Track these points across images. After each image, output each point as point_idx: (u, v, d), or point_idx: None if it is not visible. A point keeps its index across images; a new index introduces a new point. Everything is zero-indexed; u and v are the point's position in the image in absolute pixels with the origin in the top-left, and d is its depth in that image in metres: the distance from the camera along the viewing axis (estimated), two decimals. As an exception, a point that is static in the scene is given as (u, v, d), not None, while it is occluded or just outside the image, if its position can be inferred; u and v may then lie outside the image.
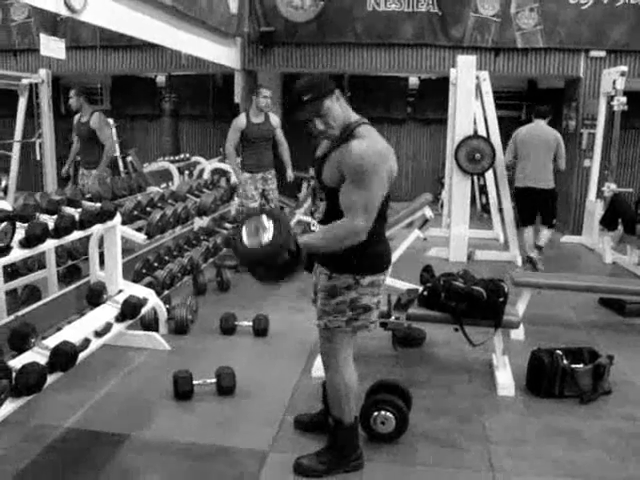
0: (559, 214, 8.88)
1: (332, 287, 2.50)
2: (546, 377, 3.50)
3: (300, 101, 2.39)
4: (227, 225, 6.29)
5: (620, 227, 6.76)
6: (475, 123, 6.88)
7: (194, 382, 3.29)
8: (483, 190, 9.40)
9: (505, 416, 3.30)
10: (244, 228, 2.35)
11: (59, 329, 3.06)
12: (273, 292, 5.53)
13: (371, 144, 2.34)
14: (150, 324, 4.08)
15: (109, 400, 3.28)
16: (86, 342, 3.00)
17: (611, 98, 7.47)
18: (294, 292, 5.40)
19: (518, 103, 10.71)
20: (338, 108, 2.40)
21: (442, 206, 8.64)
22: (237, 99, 8.54)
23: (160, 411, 3.19)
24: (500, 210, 7.56)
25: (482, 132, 7.04)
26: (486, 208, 9.78)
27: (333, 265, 2.50)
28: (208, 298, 5.14)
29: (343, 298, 2.49)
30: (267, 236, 2.26)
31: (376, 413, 2.88)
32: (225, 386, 3.31)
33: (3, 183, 7.29)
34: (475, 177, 8.62)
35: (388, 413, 2.87)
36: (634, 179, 10.41)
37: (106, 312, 3.38)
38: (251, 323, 4.28)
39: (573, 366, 3.51)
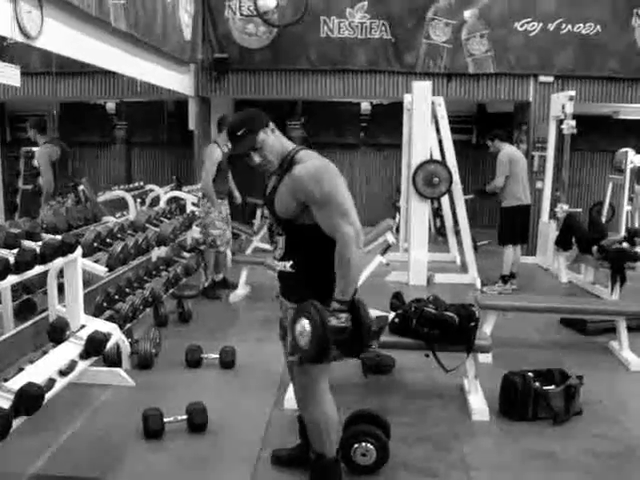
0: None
1: (293, 313, 2.42)
2: (519, 400, 3.50)
3: (235, 136, 2.41)
4: (185, 254, 6.17)
5: (574, 247, 6.92)
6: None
7: (165, 420, 3.16)
8: (437, 213, 9.52)
9: (482, 441, 3.29)
10: (294, 328, 2.30)
11: (21, 369, 2.90)
12: (237, 322, 5.44)
13: (314, 163, 2.36)
14: (113, 359, 3.92)
15: (76, 442, 3.11)
16: (51, 382, 2.85)
17: (560, 122, 7.70)
18: (258, 321, 5.33)
19: (469, 127, 10.94)
20: (273, 140, 2.40)
21: (398, 230, 8.70)
22: (191, 126, 8.46)
23: (130, 452, 3.04)
24: (457, 232, 7.66)
25: (437, 156, 7.14)
26: (441, 231, 9.91)
27: (297, 296, 2.45)
28: (170, 330, 5.00)
29: None
30: (307, 337, 2.24)
31: (356, 445, 2.81)
32: (197, 423, 3.19)
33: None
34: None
35: (369, 444, 2.81)
36: (582, 199, 10.74)
37: (69, 349, 3.23)
38: (217, 355, 4.17)
39: (545, 388, 3.54)
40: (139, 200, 7.84)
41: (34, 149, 9.02)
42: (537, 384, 3.54)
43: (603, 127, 10.33)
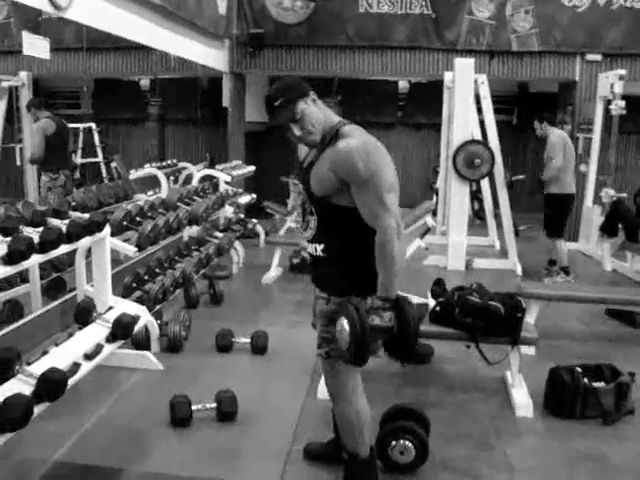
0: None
1: (331, 312, 2.25)
2: (567, 397, 3.30)
3: (272, 107, 2.19)
4: (217, 234, 6.05)
5: (621, 234, 6.62)
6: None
7: (192, 407, 3.03)
8: (475, 196, 9.23)
9: (526, 440, 3.09)
10: (336, 326, 2.14)
11: (45, 352, 2.79)
12: (269, 305, 5.30)
13: (361, 139, 2.13)
14: (142, 342, 3.81)
15: (100, 429, 3.00)
16: (75, 367, 2.73)
17: (608, 102, 7.35)
18: (292, 304, 5.18)
19: (509, 107, 10.56)
20: (315, 111, 2.18)
21: (435, 213, 8.45)
22: (225, 103, 8.30)
23: (156, 441, 2.92)
24: (496, 216, 7.40)
25: (477, 137, 6.86)
26: (479, 214, 9.62)
27: (330, 287, 2.28)
28: (201, 312, 4.88)
29: (326, 323, 2.26)
30: (346, 336, 2.07)
31: (394, 442, 2.64)
32: (226, 412, 3.05)
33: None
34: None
35: (407, 442, 2.64)
36: (628, 184, 10.30)
37: (96, 332, 3.12)
38: (249, 340, 4.03)
39: (595, 385, 3.32)
40: (172, 178, 7.74)
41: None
42: (586, 380, 3.32)
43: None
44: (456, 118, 6.42)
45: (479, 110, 6.78)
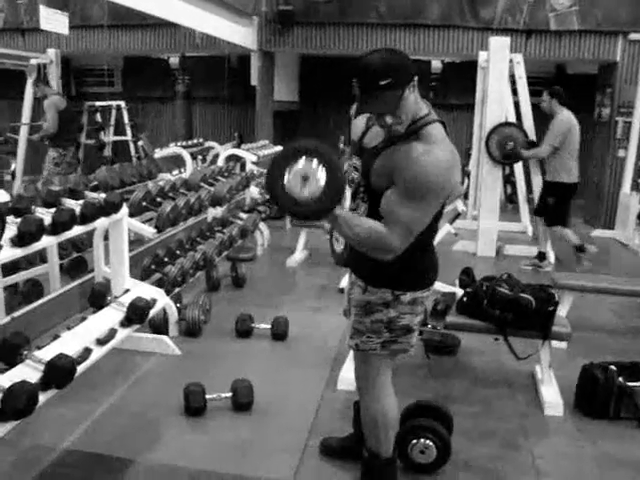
0: (591, 207, 8.52)
1: (367, 302, 2.12)
2: (600, 396, 3.12)
3: (372, 86, 1.83)
4: (242, 215, 5.94)
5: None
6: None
7: (207, 396, 2.94)
8: (508, 180, 8.98)
9: (556, 441, 2.93)
10: (289, 171, 1.83)
11: (56, 337, 2.71)
12: (292, 289, 5.19)
13: (440, 156, 1.88)
14: (159, 326, 3.74)
15: (112, 415, 2.93)
16: (86, 352, 2.65)
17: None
18: (315, 288, 5.07)
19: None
20: (413, 100, 1.91)
21: (466, 197, 8.23)
22: (254, 81, 8.15)
23: (169, 430, 2.84)
24: (529, 201, 7.16)
25: (512, 119, 6.61)
26: (511, 198, 9.36)
27: (369, 277, 2.12)
28: (222, 295, 4.79)
29: (380, 316, 2.11)
30: (317, 189, 1.81)
31: (415, 441, 2.51)
32: (242, 402, 2.96)
33: (12, 167, 6.98)
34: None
35: (428, 441, 2.51)
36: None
37: (110, 316, 3.03)
38: (269, 326, 3.93)
39: (630, 384, 3.14)
40: (200, 157, 7.66)
41: (97, 103, 8.99)
42: (621, 379, 3.14)
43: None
44: (490, 99, 6.18)
45: (514, 91, 6.53)
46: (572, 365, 3.52)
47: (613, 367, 3.19)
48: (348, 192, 2.12)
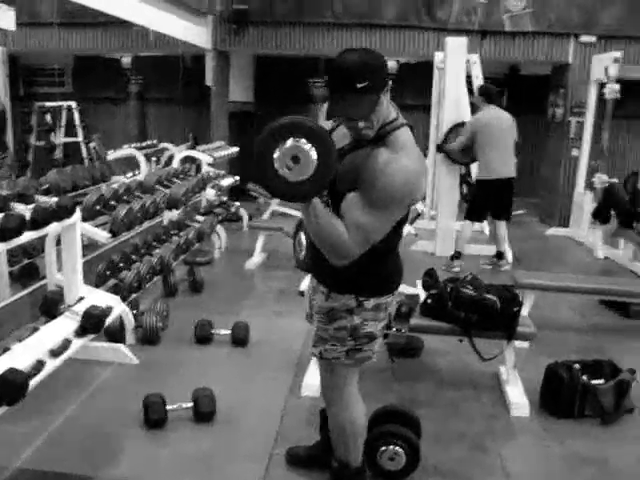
0: (546, 206, 8.64)
1: (330, 309, 2.04)
2: (565, 395, 3.13)
3: (347, 88, 1.76)
4: (199, 218, 5.82)
5: (614, 220, 6.47)
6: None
7: (168, 407, 2.83)
8: (464, 179, 9.03)
9: (523, 442, 2.93)
10: (278, 151, 1.71)
11: (7, 349, 2.56)
12: (252, 293, 5.09)
13: (407, 164, 1.81)
14: (115, 334, 3.59)
15: (69, 430, 2.79)
16: (39, 365, 2.52)
17: (602, 85, 7.17)
18: (275, 292, 4.98)
19: (499, 90, 10.32)
20: (386, 104, 1.85)
21: (424, 197, 8.25)
22: (208, 82, 8.01)
23: (128, 444, 2.72)
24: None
25: (467, 119, 6.64)
26: (467, 198, 9.43)
27: (332, 282, 2.04)
28: (180, 300, 4.66)
29: (344, 323, 2.03)
30: (308, 170, 1.70)
31: (384, 448, 2.45)
32: (203, 412, 2.85)
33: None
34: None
35: (398, 448, 2.45)
36: (616, 169, 10.16)
37: (64, 326, 2.90)
38: (229, 331, 3.83)
39: (594, 382, 3.15)
40: (154, 159, 7.47)
41: (47, 104, 8.70)
42: (585, 378, 3.15)
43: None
44: (447, 99, 6.20)
45: (470, 91, 6.56)
46: (535, 364, 3.53)
47: (577, 366, 3.20)
48: None
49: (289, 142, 1.69)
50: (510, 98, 10.16)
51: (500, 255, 6.04)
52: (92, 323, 2.94)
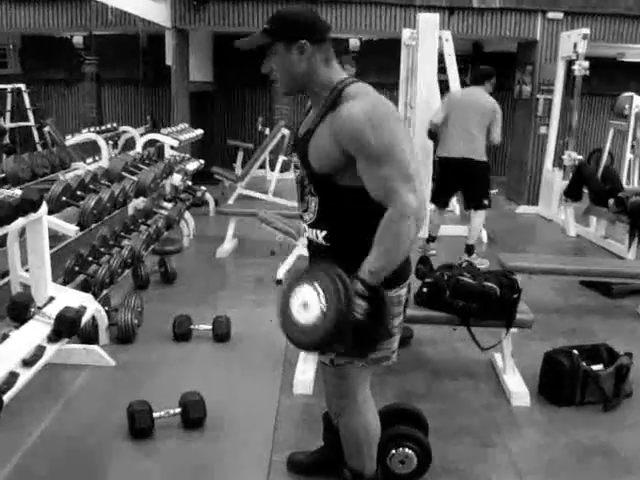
0: (514, 184, 8.60)
1: (299, 274, 1.82)
2: (566, 383, 3.03)
3: (263, 28, 1.81)
4: (166, 205, 5.55)
5: (584, 198, 6.45)
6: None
7: (154, 414, 2.61)
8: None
9: (529, 434, 2.82)
10: (292, 296, 1.69)
11: (-27, 360, 2.31)
12: (227, 282, 4.89)
13: (369, 101, 1.71)
14: (88, 334, 3.35)
15: (46, 444, 2.54)
16: (12, 378, 2.28)
17: (570, 62, 7.11)
18: (251, 281, 4.78)
19: (462, 67, 10.22)
20: (296, 62, 1.76)
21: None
22: (168, 61, 7.66)
23: (113, 457, 2.50)
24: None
25: (436, 97, 6.49)
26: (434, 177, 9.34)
27: None
28: (152, 293, 4.41)
29: None
30: (313, 317, 1.62)
31: (394, 451, 2.31)
32: (193, 418, 2.65)
33: None
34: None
35: (408, 450, 2.31)
36: (579, 146, 10.21)
37: (36, 331, 2.64)
38: (209, 326, 3.62)
39: (594, 368, 3.07)
40: (111, 143, 7.13)
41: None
42: (584, 364, 3.06)
43: (604, 70, 9.71)
44: (420, 77, 6.03)
45: (442, 69, 6.41)
46: (527, 350, 3.46)
47: (576, 352, 3.11)
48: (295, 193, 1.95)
49: (304, 287, 1.66)
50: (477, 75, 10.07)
51: (469, 249, 5.52)
52: (66, 327, 2.69)
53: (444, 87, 6.44)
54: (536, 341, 3.62)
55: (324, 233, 1.84)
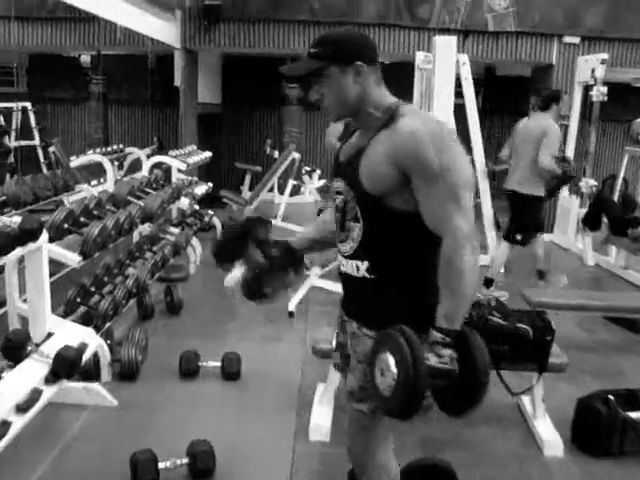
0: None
1: (374, 345, 1.65)
2: (603, 432, 2.81)
3: (308, 53, 1.68)
4: (172, 230, 5.36)
5: (604, 227, 6.25)
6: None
7: (160, 465, 2.40)
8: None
9: (566, 491, 2.59)
10: (376, 362, 1.56)
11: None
12: (236, 313, 4.65)
13: (431, 118, 1.70)
14: (89, 371, 3.13)
15: (39, 500, 2.34)
16: (4, 428, 2.06)
17: (587, 88, 6.95)
18: (262, 313, 4.54)
19: (475, 91, 10.11)
20: (352, 85, 1.64)
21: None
22: (177, 82, 7.52)
23: (114, 514, 2.29)
24: (475, 207, 6.91)
25: (451, 122, 6.32)
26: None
27: (382, 320, 1.63)
28: (157, 325, 4.21)
29: None
30: (387, 386, 1.50)
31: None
32: (202, 469, 2.43)
33: None
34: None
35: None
36: (595, 174, 10.04)
37: (31, 372, 2.44)
38: (218, 363, 3.40)
39: (632, 415, 2.84)
40: (116, 164, 6.96)
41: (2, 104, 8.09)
42: (621, 411, 2.84)
43: (618, 95, 9.57)
44: (436, 101, 5.86)
45: (458, 94, 6.24)
46: (554, 392, 3.24)
47: (611, 397, 2.89)
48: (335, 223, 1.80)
49: (382, 354, 1.55)
50: (486, 99, 9.96)
51: (488, 282, 5.24)
52: (65, 368, 2.48)
53: (460, 111, 6.28)
54: (563, 382, 3.40)
55: (366, 264, 1.67)
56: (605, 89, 6.64)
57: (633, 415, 2.84)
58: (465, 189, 1.56)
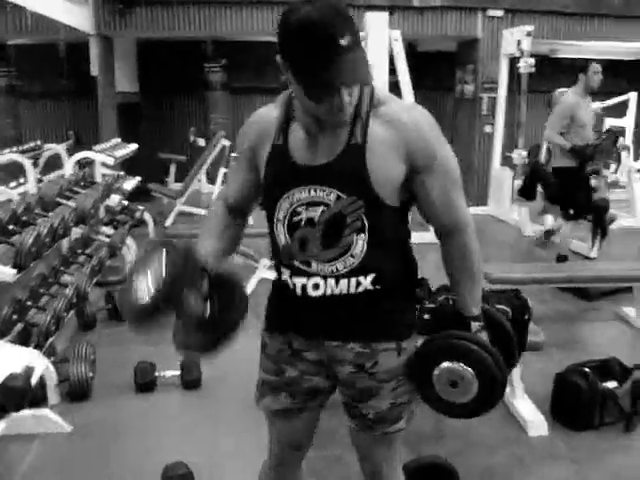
0: (463, 184, 8.43)
1: (397, 368, 1.53)
2: (584, 405, 2.78)
3: (331, 48, 1.19)
4: (104, 229, 5.01)
5: (540, 197, 6.32)
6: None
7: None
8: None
9: (558, 470, 2.53)
10: (436, 380, 1.50)
11: None
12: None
13: (414, 105, 1.48)
14: (35, 396, 2.82)
15: None
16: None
17: (513, 60, 7.00)
18: (212, 312, 4.30)
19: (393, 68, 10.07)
20: None
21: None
22: (94, 71, 7.06)
23: None
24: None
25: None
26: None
27: (400, 328, 1.56)
28: (101, 334, 3.89)
29: (404, 381, 1.55)
30: (470, 393, 1.49)
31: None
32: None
33: None
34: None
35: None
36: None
37: (-26, 407, 2.14)
38: (176, 372, 3.16)
39: (609, 386, 2.82)
40: (31, 161, 6.46)
41: None
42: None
43: (537, 67, 9.77)
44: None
45: (392, 71, 6.14)
46: (526, 368, 3.17)
47: (587, 370, 2.86)
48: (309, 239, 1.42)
49: (443, 366, 1.50)
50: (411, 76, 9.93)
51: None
52: (14, 399, 2.19)
53: (393, 90, 6.18)
54: (530, 355, 3.35)
55: (371, 277, 1.43)
56: (532, 60, 6.71)
57: (610, 385, 2.84)
58: (459, 174, 1.48)
